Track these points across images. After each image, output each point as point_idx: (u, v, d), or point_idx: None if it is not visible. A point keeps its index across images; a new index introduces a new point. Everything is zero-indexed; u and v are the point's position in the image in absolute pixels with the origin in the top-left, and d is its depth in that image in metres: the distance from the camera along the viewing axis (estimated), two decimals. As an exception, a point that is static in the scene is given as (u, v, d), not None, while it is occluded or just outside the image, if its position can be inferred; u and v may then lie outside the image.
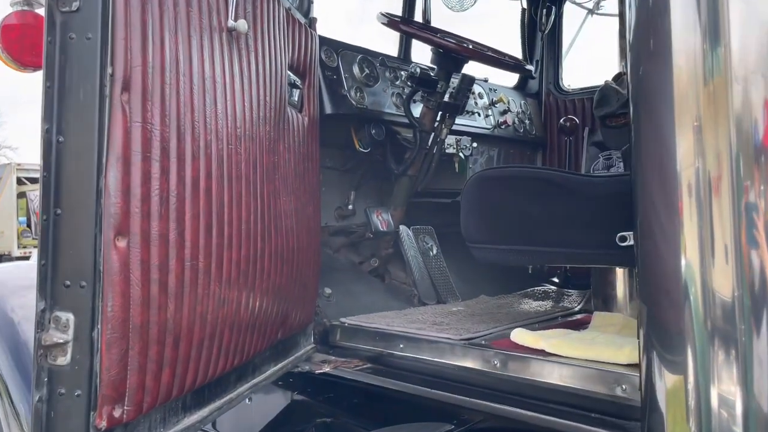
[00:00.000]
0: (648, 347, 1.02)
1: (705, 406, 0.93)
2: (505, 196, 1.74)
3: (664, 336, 0.98)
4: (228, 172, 1.29)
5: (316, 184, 1.97)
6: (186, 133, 1.14)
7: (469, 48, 2.15)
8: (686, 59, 0.90)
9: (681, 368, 0.94)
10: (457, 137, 2.64)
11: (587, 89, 3.29)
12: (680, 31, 0.91)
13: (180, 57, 1.13)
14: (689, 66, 0.89)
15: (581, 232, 1.60)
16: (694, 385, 0.93)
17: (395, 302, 2.44)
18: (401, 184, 2.46)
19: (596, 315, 1.86)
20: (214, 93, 1.25)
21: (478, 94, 2.95)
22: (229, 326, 1.34)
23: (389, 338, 1.92)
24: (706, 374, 0.92)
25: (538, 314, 2.15)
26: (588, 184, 1.59)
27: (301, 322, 1.89)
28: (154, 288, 1.06)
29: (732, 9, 0.86)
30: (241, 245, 1.35)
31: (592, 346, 1.50)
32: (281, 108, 1.65)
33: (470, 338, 1.80)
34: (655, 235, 0.97)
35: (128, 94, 1.01)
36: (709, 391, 0.92)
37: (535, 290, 2.58)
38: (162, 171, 1.07)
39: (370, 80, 2.35)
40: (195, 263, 1.17)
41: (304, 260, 1.82)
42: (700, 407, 0.93)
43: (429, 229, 2.78)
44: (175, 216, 1.11)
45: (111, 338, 0.99)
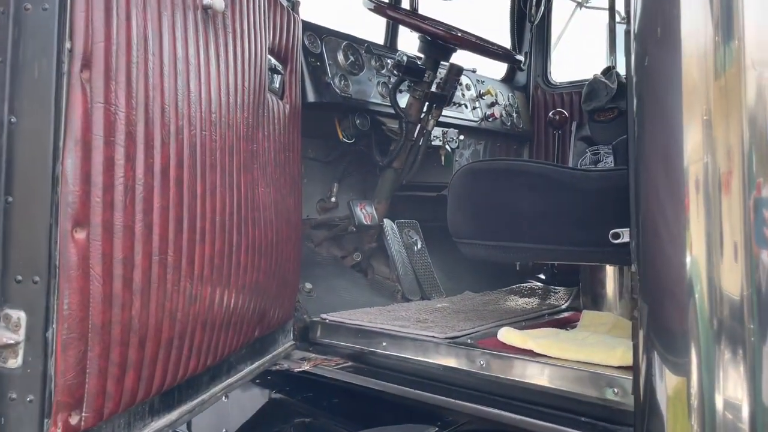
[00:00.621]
0: (648, 348, 0.96)
1: (710, 410, 0.87)
2: (495, 190, 1.67)
3: (666, 336, 0.92)
4: (201, 161, 1.21)
5: (297, 175, 1.89)
6: (155, 116, 1.06)
7: (458, 35, 2.07)
8: (696, 48, 0.84)
9: (684, 370, 0.89)
10: (444, 129, 2.57)
11: (576, 83, 3.24)
12: (690, 17, 0.85)
13: (149, 34, 1.04)
14: (700, 55, 0.83)
15: (572, 229, 1.54)
16: (698, 388, 0.88)
17: (378, 298, 2.37)
18: (386, 177, 2.38)
19: (585, 314, 1.80)
20: (186, 75, 1.16)
21: (466, 85, 2.88)
22: (202, 324, 1.26)
23: (371, 336, 1.85)
24: (711, 376, 0.87)
25: (524, 312, 2.09)
26: (581, 179, 1.52)
27: (280, 318, 1.81)
28: (117, 284, 0.97)
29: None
30: (215, 239, 1.27)
31: (583, 347, 1.44)
32: (261, 94, 1.56)
33: (455, 337, 1.74)
34: (659, 232, 0.91)
35: (89, 71, 0.92)
36: (714, 393, 0.87)
37: (521, 287, 2.53)
38: (127, 157, 0.99)
39: (355, 68, 2.27)
40: (164, 258, 1.09)
41: (283, 254, 1.73)
42: (704, 411, 0.88)
43: (413, 223, 2.71)
44: (141, 207, 1.02)
45: (67, 339, 0.90)
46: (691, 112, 0.83)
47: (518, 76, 3.38)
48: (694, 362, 0.87)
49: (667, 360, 0.91)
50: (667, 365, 0.91)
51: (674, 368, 0.90)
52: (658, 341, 0.93)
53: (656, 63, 0.88)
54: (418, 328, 1.81)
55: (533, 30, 3.27)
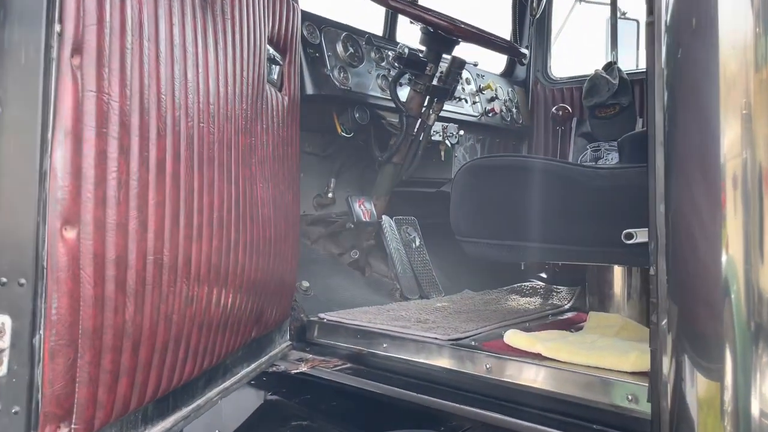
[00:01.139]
0: (677, 353, 0.91)
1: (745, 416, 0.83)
2: (501, 188, 1.62)
3: (697, 341, 0.87)
4: (199, 154, 1.14)
5: (296, 170, 1.82)
6: (150, 107, 0.99)
7: (462, 27, 2.01)
8: (735, 38, 0.78)
9: (718, 375, 0.84)
10: (444, 124, 2.51)
11: (576, 78, 3.19)
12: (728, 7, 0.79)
13: (144, 18, 0.97)
14: (738, 46, 0.78)
15: (582, 228, 1.48)
16: (733, 394, 0.83)
17: (376, 297, 2.32)
18: (385, 172, 2.32)
19: (592, 315, 1.76)
20: (183, 63, 1.09)
21: (466, 79, 2.82)
22: (198, 326, 1.19)
23: (371, 337, 1.79)
24: (747, 381, 0.82)
25: (527, 312, 2.04)
26: (591, 177, 1.47)
27: (277, 318, 1.75)
28: (109, 286, 0.91)
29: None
30: (212, 236, 1.21)
31: (593, 351, 1.39)
32: (260, 85, 1.50)
33: (459, 338, 1.68)
34: (693, 232, 0.85)
35: (80, 57, 0.86)
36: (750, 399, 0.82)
37: (522, 286, 2.48)
38: (121, 150, 0.92)
39: (355, 60, 2.20)
40: (159, 257, 1.02)
41: (281, 252, 1.67)
42: (738, 417, 0.83)
43: (412, 219, 2.65)
44: (136, 203, 0.96)
45: (56, 346, 0.84)
46: (728, 106, 0.78)
47: (517, 70, 3.33)
48: (729, 367, 0.82)
49: (699, 365, 0.86)
50: (699, 370, 0.86)
51: (707, 373, 0.85)
52: (689, 346, 0.88)
53: (690, 55, 0.82)
54: (420, 329, 1.76)
55: (533, 24, 3.21)
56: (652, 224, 1.13)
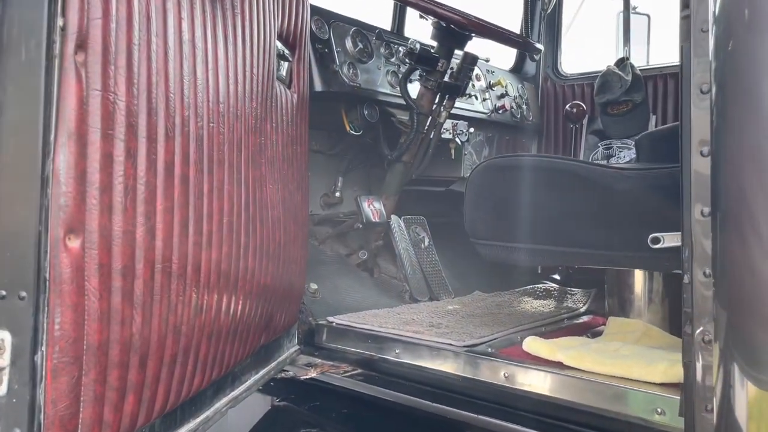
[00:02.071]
0: (726, 365, 0.85)
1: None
2: (519, 189, 1.56)
3: (751, 353, 0.81)
4: (209, 156, 1.08)
5: (305, 169, 1.76)
6: (158, 106, 0.93)
7: (476, 22, 1.95)
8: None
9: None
10: (454, 121, 2.45)
11: (587, 74, 3.13)
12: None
13: (152, 11, 0.91)
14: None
15: (605, 232, 1.43)
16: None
17: (385, 299, 2.26)
18: (395, 171, 2.26)
19: (611, 320, 1.70)
20: (192, 59, 1.03)
21: (476, 75, 2.75)
22: (207, 336, 1.14)
23: (383, 342, 1.74)
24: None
25: (542, 316, 1.98)
26: (615, 178, 1.41)
27: (286, 322, 1.69)
28: (116, 298, 0.85)
29: None
30: (222, 242, 1.15)
31: (618, 360, 1.33)
32: (269, 82, 1.44)
33: (474, 344, 1.63)
34: (747, 239, 0.80)
35: (84, 54, 0.80)
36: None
37: (535, 288, 2.42)
38: (128, 153, 0.86)
39: (364, 56, 2.14)
40: (167, 266, 0.96)
41: (291, 255, 1.62)
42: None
43: (421, 219, 2.59)
44: (143, 209, 0.90)
45: (59, 363, 0.78)
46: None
47: (527, 66, 3.26)
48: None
49: (754, 379, 0.80)
50: (754, 383, 0.80)
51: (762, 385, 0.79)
52: (740, 358, 0.82)
53: (744, 47, 0.76)
54: (433, 334, 1.70)
55: (544, 19, 3.15)
56: (687, 229, 1.07)
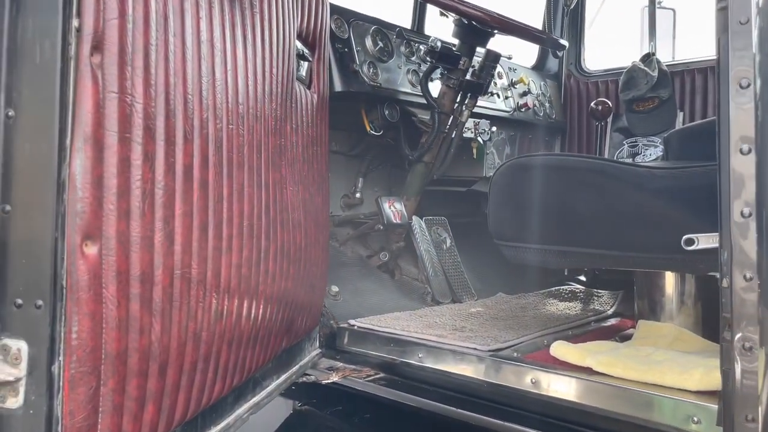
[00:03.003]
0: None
1: None
2: (546, 189, 1.51)
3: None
4: (228, 158, 1.06)
5: (325, 171, 1.74)
6: (177, 108, 0.91)
7: (498, 18, 1.91)
8: None
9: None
10: (476, 120, 2.41)
11: (611, 71, 3.06)
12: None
13: (169, 11, 0.89)
14: None
15: (636, 233, 1.38)
16: None
17: (407, 301, 2.23)
18: (416, 172, 2.23)
19: (641, 324, 1.65)
20: (211, 60, 1.01)
21: (498, 73, 2.70)
22: (228, 343, 1.11)
23: (406, 345, 1.70)
24: None
25: (568, 318, 1.93)
26: (646, 177, 1.36)
27: (307, 326, 1.67)
28: (134, 306, 0.83)
29: None
30: (242, 246, 1.12)
31: (651, 367, 1.29)
32: (289, 83, 1.41)
33: (499, 349, 1.59)
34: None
35: (101, 55, 0.78)
36: None
37: (560, 290, 2.37)
38: (145, 157, 0.84)
39: (384, 55, 2.11)
40: (186, 272, 0.94)
41: (312, 258, 1.59)
42: None
43: (442, 220, 2.56)
44: (161, 214, 0.88)
45: (76, 373, 0.76)
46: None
47: (549, 63, 3.21)
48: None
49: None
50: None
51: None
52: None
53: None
54: (457, 338, 1.67)
55: (567, 15, 3.09)
56: (725, 231, 1.02)
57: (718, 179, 1.03)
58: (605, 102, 2.60)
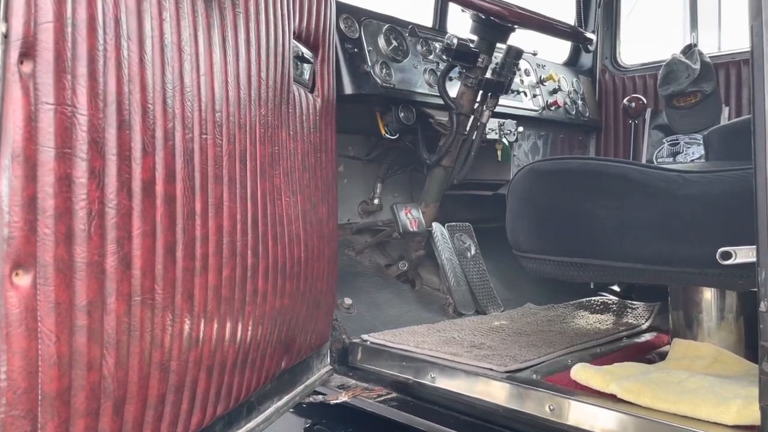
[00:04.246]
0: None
1: None
2: (566, 196, 1.38)
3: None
4: (201, 171, 0.98)
5: (332, 178, 1.64)
6: (132, 119, 0.83)
7: (517, 12, 1.78)
8: None
9: None
10: (500, 120, 2.27)
11: (649, 65, 2.88)
12: None
13: (121, 13, 0.81)
14: None
15: (665, 245, 1.23)
16: None
17: (427, 313, 2.12)
18: (434, 177, 2.11)
19: (676, 343, 1.50)
20: (179, 65, 0.93)
21: (525, 70, 2.57)
22: (207, 370, 1.03)
23: (418, 364, 1.60)
24: None
25: (598, 334, 1.79)
26: (676, 183, 1.22)
27: (313, 343, 1.57)
28: (79, 339, 0.75)
29: None
30: (222, 265, 1.04)
31: (683, 396, 1.14)
32: (284, 87, 1.32)
33: (517, 370, 1.47)
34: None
35: (32, 63, 0.70)
36: None
37: (592, 301, 2.22)
38: (91, 173, 0.76)
39: (399, 54, 2.00)
40: (149, 297, 0.86)
41: (315, 272, 1.50)
42: None
43: (466, 226, 2.43)
44: (114, 235, 0.79)
45: (6, 418, 0.68)
46: None
47: (582, 58, 3.04)
48: None
49: None
50: None
51: None
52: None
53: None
54: (473, 356, 1.55)
55: (600, 6, 2.92)
56: (762, 246, 0.88)
57: (754, 184, 0.89)
58: (639, 98, 2.43)
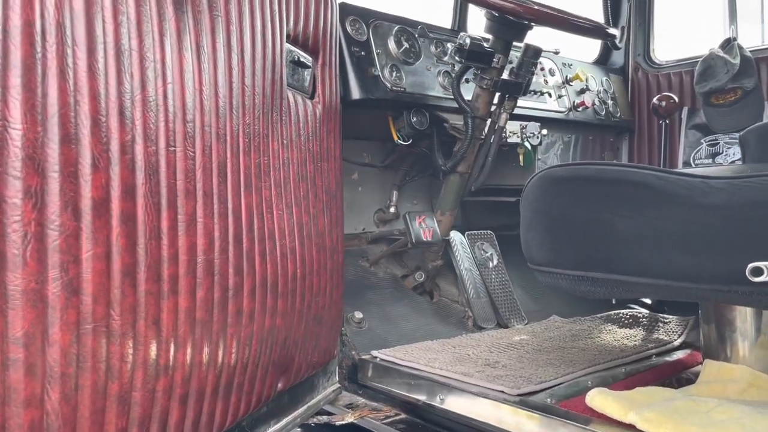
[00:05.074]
0: None
1: None
2: (579, 205, 1.27)
3: None
4: (168, 186, 0.91)
5: (335, 187, 1.56)
6: (80, 132, 0.76)
7: (533, 8, 1.67)
8: None
9: None
10: (522, 123, 2.16)
11: (685, 61, 2.72)
12: None
13: (65, 18, 0.75)
14: None
15: (689, 260, 1.11)
16: None
17: (444, 327, 2.02)
18: (450, 184, 2.01)
19: (708, 364, 1.36)
20: (140, 72, 0.86)
21: (549, 70, 2.44)
22: (180, 399, 0.96)
23: (427, 384, 1.50)
24: None
25: (624, 351, 1.66)
26: (702, 191, 1.09)
27: (315, 362, 1.50)
28: (13, 374, 0.69)
29: None
30: (195, 287, 0.97)
31: (708, 429, 1.02)
32: (275, 93, 1.25)
33: (531, 392, 1.36)
34: None
35: (-47, 75, 0.64)
36: None
37: (621, 314, 2.08)
38: (26, 193, 0.70)
39: (410, 56, 1.92)
40: (102, 325, 0.79)
41: (315, 288, 1.42)
42: None
43: (488, 234, 2.33)
44: (57, 260, 0.73)
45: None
46: None
47: (614, 56, 2.90)
48: None
49: None
50: None
51: None
52: None
53: None
54: (485, 377, 1.45)
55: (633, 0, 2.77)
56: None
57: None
58: (669, 97, 2.27)
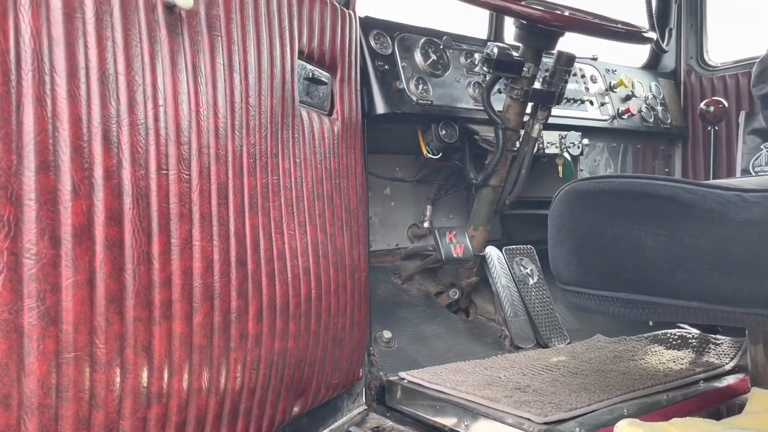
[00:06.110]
0: None
1: None
2: (606, 221, 1.19)
3: None
4: (160, 210, 0.89)
5: (357, 205, 1.53)
6: (59, 159, 0.76)
7: (563, 15, 1.60)
8: None
9: None
10: (562, 133, 2.07)
11: (742, 62, 2.55)
12: None
13: (43, 43, 0.74)
14: None
15: (723, 280, 1.01)
16: None
17: (479, 346, 1.94)
18: (482, 198, 1.94)
19: (756, 393, 1.24)
20: (128, 96, 0.85)
21: (591, 77, 2.34)
22: (176, 427, 0.94)
23: (453, 409, 1.44)
24: None
25: (668, 375, 1.54)
26: (734, 204, 1.00)
27: (336, 384, 1.46)
28: (-14, 406, 0.68)
29: None
30: (192, 312, 0.95)
31: (748, 470, 0.92)
32: (285, 111, 1.23)
33: (559, 421, 1.28)
34: None
35: None
36: None
37: (668, 334, 1.95)
38: (0, 222, 0.69)
39: (438, 68, 1.87)
40: (84, 354, 0.78)
41: (333, 309, 1.39)
42: None
43: (528, 249, 2.24)
44: (34, 288, 0.72)
45: None
46: None
47: (664, 60, 2.75)
48: None
49: None
50: None
51: None
52: None
53: None
54: (512, 402, 1.37)
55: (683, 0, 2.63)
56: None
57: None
58: (718, 101, 2.13)
